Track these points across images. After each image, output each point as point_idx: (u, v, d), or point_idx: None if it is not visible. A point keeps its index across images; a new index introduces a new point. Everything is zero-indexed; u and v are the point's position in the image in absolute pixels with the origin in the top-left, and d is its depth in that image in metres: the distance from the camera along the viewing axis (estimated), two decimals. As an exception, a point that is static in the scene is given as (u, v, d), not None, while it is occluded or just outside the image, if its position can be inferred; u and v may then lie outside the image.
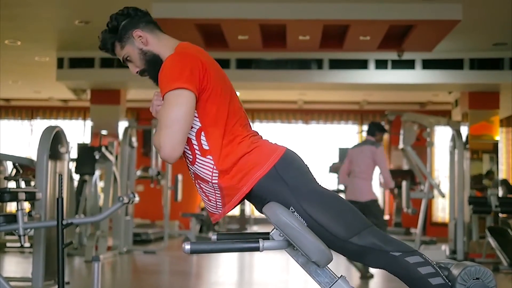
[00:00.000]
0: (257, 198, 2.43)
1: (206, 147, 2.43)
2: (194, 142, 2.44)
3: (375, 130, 7.24)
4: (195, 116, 2.41)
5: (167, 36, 2.61)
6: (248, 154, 2.42)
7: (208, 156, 2.42)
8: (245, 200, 2.49)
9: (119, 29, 2.56)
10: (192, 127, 2.41)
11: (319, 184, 2.47)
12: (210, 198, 2.50)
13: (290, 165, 2.43)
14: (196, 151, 2.44)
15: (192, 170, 2.52)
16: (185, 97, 2.33)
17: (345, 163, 7.37)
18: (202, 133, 2.43)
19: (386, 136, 14.13)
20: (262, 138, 2.55)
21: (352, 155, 7.25)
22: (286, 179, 2.39)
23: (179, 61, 2.39)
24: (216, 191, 2.46)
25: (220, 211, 2.50)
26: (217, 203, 2.49)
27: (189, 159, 2.49)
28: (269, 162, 2.41)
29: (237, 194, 2.42)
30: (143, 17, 2.59)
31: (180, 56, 2.42)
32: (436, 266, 2.35)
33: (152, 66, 2.54)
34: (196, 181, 2.54)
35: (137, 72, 2.61)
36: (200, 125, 2.42)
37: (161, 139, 2.32)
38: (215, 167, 2.42)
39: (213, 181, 2.43)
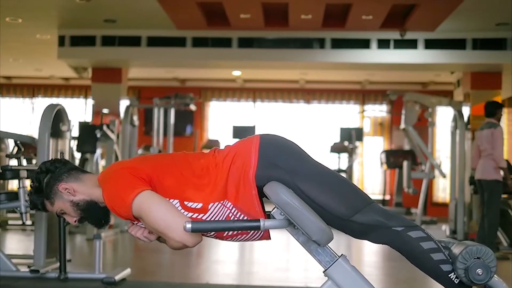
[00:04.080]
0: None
1: (200, 205, 2.39)
2: (189, 214, 2.40)
3: (494, 109, 7.36)
4: (168, 199, 2.39)
5: (89, 174, 2.58)
6: (232, 164, 2.40)
7: (209, 206, 2.39)
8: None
9: (43, 188, 2.52)
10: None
11: (314, 160, 2.45)
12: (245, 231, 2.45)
13: (275, 148, 2.42)
14: (198, 217, 2.40)
15: (213, 235, 2.47)
16: (147, 196, 2.33)
17: (475, 147, 7.55)
18: (185, 202, 2.40)
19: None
20: (228, 145, 2.52)
21: (477, 138, 7.40)
22: (279, 163, 2.38)
23: (113, 183, 2.39)
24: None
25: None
26: None
27: None
28: (253, 155, 2.39)
29: (253, 202, 2.38)
30: (63, 168, 2.55)
31: (110, 180, 2.42)
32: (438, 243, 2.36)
33: (89, 213, 2.52)
34: (224, 237, 2.47)
35: (75, 222, 2.57)
36: (177, 200, 2.40)
37: (176, 238, 2.33)
38: (221, 201, 2.39)
39: (233, 211, 2.39)
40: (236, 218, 2.40)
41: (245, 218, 2.40)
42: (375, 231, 2.35)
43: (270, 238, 2.49)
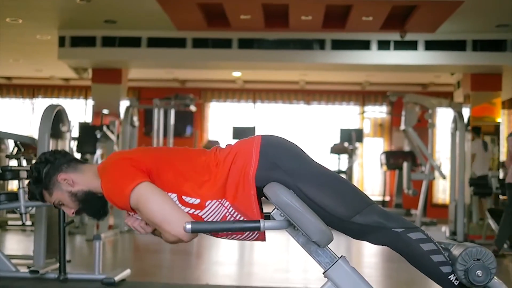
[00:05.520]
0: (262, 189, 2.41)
1: (198, 201, 2.38)
2: (186, 209, 2.38)
3: None
4: (167, 193, 2.38)
5: (88, 165, 2.57)
6: (233, 163, 2.38)
7: (207, 203, 2.38)
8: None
9: (42, 178, 2.51)
10: None
11: (315, 162, 2.45)
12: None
13: (276, 149, 2.41)
14: (194, 213, 2.39)
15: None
16: (146, 188, 2.32)
17: (510, 150, 7.64)
18: (183, 197, 2.38)
19: (388, 118, 14.12)
20: (229, 144, 2.51)
21: (509, 142, 7.48)
22: (279, 164, 2.38)
23: (112, 173, 2.38)
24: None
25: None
26: None
27: None
28: (254, 155, 2.38)
29: (251, 202, 2.37)
30: (63, 159, 2.54)
31: (109, 170, 2.40)
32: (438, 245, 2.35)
33: (87, 204, 2.51)
34: (219, 234, 2.47)
35: (73, 213, 2.55)
36: (176, 194, 2.39)
37: (171, 232, 2.31)
38: (220, 200, 2.38)
39: (230, 211, 2.38)
40: (232, 218, 2.39)
41: (242, 218, 2.39)
42: (375, 232, 2.35)
43: (265, 240, 2.49)
